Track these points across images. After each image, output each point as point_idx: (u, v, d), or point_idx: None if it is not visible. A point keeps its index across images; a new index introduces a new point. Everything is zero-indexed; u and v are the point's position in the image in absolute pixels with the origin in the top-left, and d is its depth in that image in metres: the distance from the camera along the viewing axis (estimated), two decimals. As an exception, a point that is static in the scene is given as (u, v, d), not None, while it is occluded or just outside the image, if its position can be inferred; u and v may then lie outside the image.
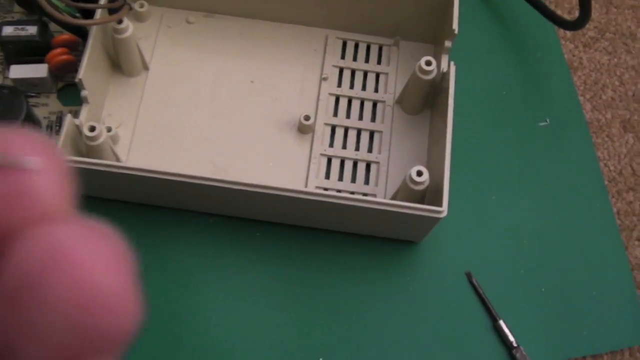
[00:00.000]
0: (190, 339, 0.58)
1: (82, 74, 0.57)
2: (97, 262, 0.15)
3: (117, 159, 0.59)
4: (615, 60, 0.72)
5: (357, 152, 0.63)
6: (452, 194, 0.55)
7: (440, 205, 0.55)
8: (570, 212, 0.65)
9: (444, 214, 0.55)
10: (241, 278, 0.60)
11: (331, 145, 0.64)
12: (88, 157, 0.56)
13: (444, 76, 0.61)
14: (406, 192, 0.57)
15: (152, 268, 0.60)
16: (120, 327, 0.15)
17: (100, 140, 0.56)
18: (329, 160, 0.63)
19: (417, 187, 0.56)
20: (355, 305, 0.60)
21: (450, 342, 0.59)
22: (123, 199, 0.61)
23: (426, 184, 0.56)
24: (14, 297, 0.14)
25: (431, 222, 0.56)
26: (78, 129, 0.57)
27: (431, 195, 0.58)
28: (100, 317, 0.15)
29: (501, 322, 0.59)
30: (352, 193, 0.58)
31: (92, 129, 0.55)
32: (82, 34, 0.65)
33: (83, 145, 0.57)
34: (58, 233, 0.15)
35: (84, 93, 0.58)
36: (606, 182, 0.66)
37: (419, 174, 0.55)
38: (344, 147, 0.64)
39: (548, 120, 0.68)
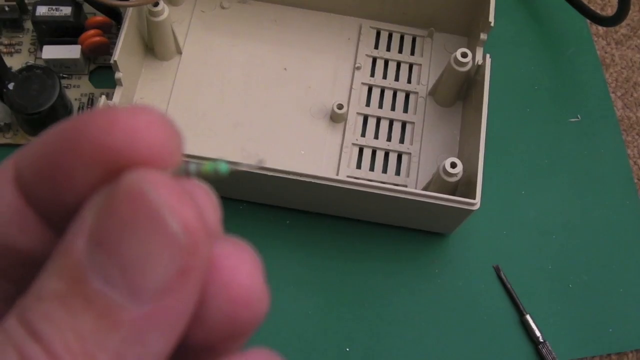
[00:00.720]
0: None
1: (117, 55, 0.57)
2: (244, 267, 0.20)
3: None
4: (648, 58, 0.72)
5: (389, 143, 0.63)
6: (483, 187, 0.55)
7: (473, 197, 0.55)
8: (599, 208, 0.65)
9: (477, 207, 0.55)
10: (270, 265, 0.59)
11: (363, 134, 0.64)
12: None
13: (479, 69, 0.61)
14: (439, 183, 0.57)
15: None
16: (257, 320, 0.20)
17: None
18: (361, 150, 0.63)
19: (450, 179, 0.55)
20: (384, 296, 0.60)
21: (477, 335, 0.59)
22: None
23: (459, 176, 0.56)
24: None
25: (463, 214, 0.56)
26: (112, 110, 0.57)
27: (463, 187, 0.58)
28: (247, 311, 0.20)
29: (528, 317, 0.59)
30: (383, 183, 0.57)
31: (127, 110, 0.55)
32: (115, 16, 0.65)
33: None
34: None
35: (118, 75, 0.58)
36: (635, 180, 0.66)
37: (453, 165, 0.55)
38: (376, 137, 0.64)
39: (579, 116, 0.68)
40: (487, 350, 0.59)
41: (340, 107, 0.62)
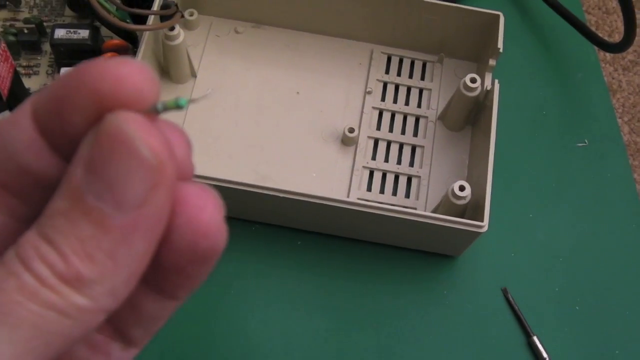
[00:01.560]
0: (228, 344, 0.58)
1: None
2: (207, 207, 0.25)
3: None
4: (655, 84, 0.73)
5: (398, 166, 0.64)
6: (491, 210, 0.56)
7: (481, 220, 0.56)
8: (606, 232, 0.66)
9: (485, 229, 0.56)
10: (281, 286, 0.61)
11: (373, 158, 0.65)
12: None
13: (488, 94, 0.62)
14: (447, 206, 0.58)
15: None
16: (215, 250, 0.25)
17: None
18: (371, 173, 0.64)
19: (458, 202, 0.56)
20: (393, 317, 0.61)
21: (484, 356, 0.60)
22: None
23: (468, 199, 0.57)
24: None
25: (471, 236, 0.57)
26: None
27: (471, 210, 0.59)
28: (205, 241, 0.24)
29: (535, 338, 0.60)
30: (393, 205, 0.58)
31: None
32: (132, 39, 0.66)
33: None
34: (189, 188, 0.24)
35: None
36: (642, 205, 0.67)
37: (462, 188, 0.56)
38: (386, 160, 0.65)
39: (587, 141, 0.69)
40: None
41: (351, 130, 0.63)
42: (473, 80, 0.61)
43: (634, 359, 0.61)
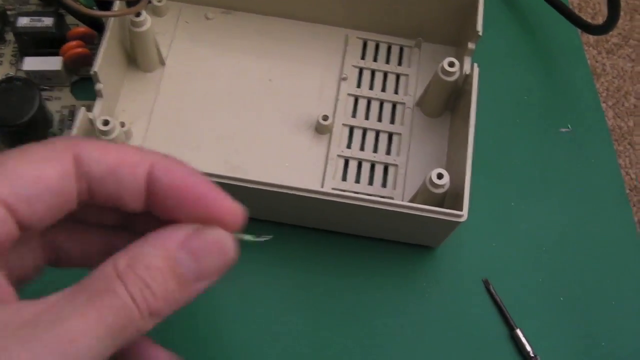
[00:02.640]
0: (202, 344, 0.56)
1: (98, 66, 0.56)
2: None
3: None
4: (639, 67, 0.71)
5: (375, 154, 0.62)
6: (471, 199, 0.54)
7: (460, 209, 0.53)
8: (591, 220, 0.64)
9: (464, 219, 0.53)
10: (255, 282, 0.59)
11: (349, 146, 0.63)
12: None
13: (467, 78, 0.60)
14: (425, 195, 0.55)
15: None
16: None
17: (114, 135, 0.55)
18: (346, 162, 0.62)
19: (436, 190, 0.54)
20: (370, 311, 0.59)
21: (466, 350, 0.58)
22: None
23: (446, 187, 0.55)
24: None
25: (450, 226, 0.55)
26: (91, 122, 0.56)
27: (450, 199, 0.56)
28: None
29: (518, 331, 0.58)
30: (369, 195, 0.56)
31: (106, 123, 0.54)
32: (98, 27, 0.64)
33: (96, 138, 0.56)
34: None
35: (98, 86, 0.57)
36: (627, 190, 0.65)
37: (440, 176, 0.54)
38: (362, 148, 0.63)
39: (570, 126, 0.67)
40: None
41: (325, 118, 0.61)
42: (451, 64, 0.59)
43: (621, 350, 0.59)
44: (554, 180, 0.65)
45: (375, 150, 0.63)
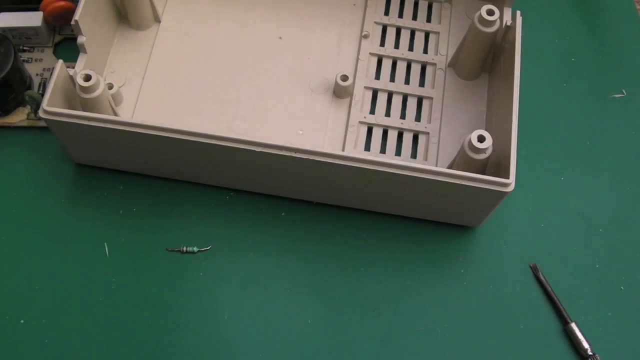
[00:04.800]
0: (196, 336, 0.49)
1: (79, 15, 0.49)
2: None
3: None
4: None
5: (402, 121, 0.55)
6: (516, 171, 0.47)
7: (506, 177, 0.46)
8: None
9: (511, 188, 0.46)
10: (260, 266, 0.52)
11: (372, 112, 0.55)
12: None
13: (508, 31, 0.53)
14: (464, 162, 0.48)
15: (154, 252, 0.52)
16: None
17: (97, 92, 0.47)
18: (369, 130, 0.54)
19: (478, 156, 0.47)
20: (398, 302, 0.51)
21: (512, 348, 0.50)
22: (125, 169, 0.53)
23: (488, 152, 0.47)
24: None
25: (495, 198, 0.47)
26: (72, 79, 0.48)
27: (492, 169, 0.49)
28: None
29: (573, 325, 0.50)
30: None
31: (87, 78, 0.47)
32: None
33: (78, 101, 0.48)
34: None
35: (80, 39, 0.50)
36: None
37: (481, 139, 0.46)
38: (387, 114, 0.55)
39: (624, 91, 0.59)
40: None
41: (344, 78, 0.54)
42: (490, 13, 0.52)
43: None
44: (608, 152, 0.57)
45: (402, 116, 0.55)
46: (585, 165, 0.57)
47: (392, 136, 0.54)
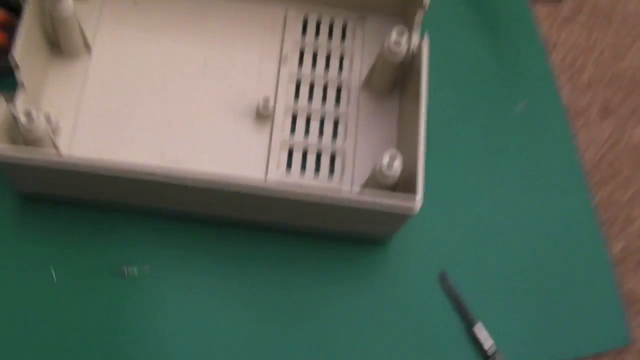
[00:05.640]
0: (137, 349, 0.53)
1: (18, 51, 0.52)
2: None
3: (57, 150, 0.53)
4: (594, 37, 0.68)
5: (320, 140, 0.59)
6: (425, 185, 0.51)
7: (413, 195, 0.50)
8: (549, 205, 0.61)
9: (419, 206, 0.50)
10: (196, 282, 0.55)
11: (293, 132, 0.59)
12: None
13: (416, 52, 0.57)
14: (377, 181, 0.52)
15: (92, 274, 0.55)
16: None
17: (38, 128, 0.50)
18: (290, 152, 0.58)
19: (389, 174, 0.51)
20: (321, 311, 0.56)
21: (423, 349, 0.55)
22: (67, 198, 0.56)
23: (398, 170, 0.51)
24: None
25: (404, 216, 0.52)
26: (14, 117, 0.51)
27: (403, 185, 0.53)
28: None
29: (478, 325, 0.55)
30: (314, 188, 0.52)
31: (29, 114, 0.50)
32: (16, 10, 0.59)
33: (20, 136, 0.51)
34: None
35: (19, 76, 0.52)
36: (588, 169, 0.62)
37: (392, 158, 0.51)
38: (307, 133, 0.59)
39: (527, 102, 0.64)
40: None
41: (266, 101, 0.57)
42: (400, 33, 0.56)
43: (585, 342, 0.57)
44: (510, 163, 0.62)
45: (320, 133, 0.59)
46: (489, 176, 0.61)
47: (312, 156, 0.58)
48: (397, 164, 0.51)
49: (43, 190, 0.55)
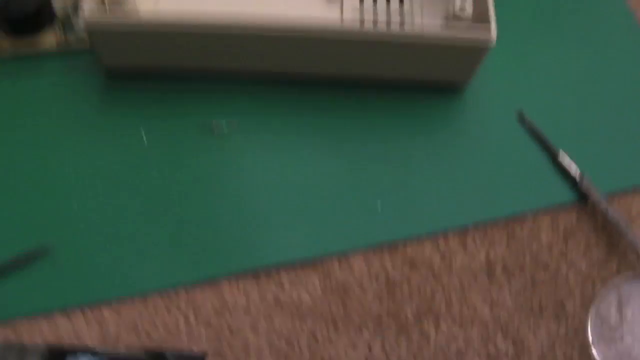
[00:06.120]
0: (234, 206, 0.55)
1: None
2: None
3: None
4: None
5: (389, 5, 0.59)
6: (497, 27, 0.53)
7: (487, 32, 0.52)
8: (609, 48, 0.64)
9: (493, 43, 0.52)
10: (282, 139, 0.58)
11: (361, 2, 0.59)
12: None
13: None
14: (450, 25, 0.54)
15: (181, 134, 0.57)
16: None
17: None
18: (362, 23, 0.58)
19: (460, 22, 0.54)
20: (403, 154, 0.57)
21: (510, 181, 0.57)
22: (153, 64, 0.58)
23: (470, 15, 0.54)
24: None
25: (482, 47, 0.54)
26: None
27: (475, 26, 0.54)
28: None
29: (561, 153, 0.57)
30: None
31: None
32: None
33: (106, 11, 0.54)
34: None
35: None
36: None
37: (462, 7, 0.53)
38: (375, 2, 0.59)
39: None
40: (523, 193, 0.57)
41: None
42: None
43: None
44: (575, 15, 0.65)
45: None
46: (556, 26, 0.64)
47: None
48: (469, 3, 0.53)
49: (131, 60, 0.57)
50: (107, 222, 0.53)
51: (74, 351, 0.47)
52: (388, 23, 0.59)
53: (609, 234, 0.55)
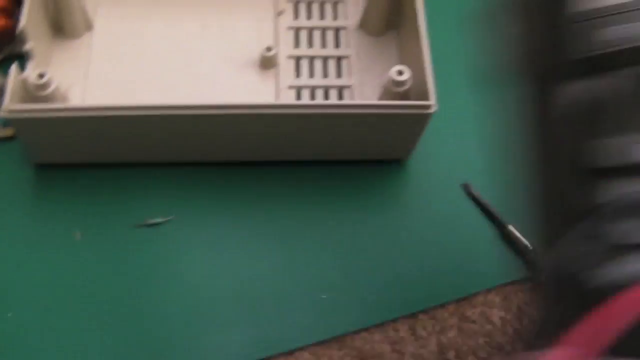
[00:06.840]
0: (176, 306, 0.53)
1: (25, 23, 0.53)
2: None
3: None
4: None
5: (326, 79, 0.60)
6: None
7: (427, 99, 0.52)
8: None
9: (434, 108, 0.51)
10: (221, 229, 0.56)
11: (298, 76, 0.60)
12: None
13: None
14: (388, 97, 0.53)
15: (122, 231, 0.55)
16: None
17: (51, 88, 0.52)
18: (299, 92, 0.59)
19: (399, 89, 0.52)
20: (346, 234, 0.56)
21: (455, 257, 0.56)
22: (84, 160, 0.57)
23: (409, 83, 0.52)
24: None
25: (421, 121, 0.53)
26: (25, 83, 0.52)
27: (415, 96, 0.54)
28: None
29: (510, 227, 0.56)
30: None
31: (41, 76, 0.51)
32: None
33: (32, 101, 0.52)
34: None
35: (29, 45, 0.54)
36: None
37: (400, 73, 0.52)
38: (312, 76, 0.60)
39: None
40: (473, 272, 0.55)
41: (269, 49, 0.58)
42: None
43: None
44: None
45: (325, 75, 0.60)
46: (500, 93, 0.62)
47: (319, 94, 0.59)
48: (406, 76, 0.53)
49: (60, 155, 0.56)
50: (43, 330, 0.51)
51: None
52: (326, 93, 0.59)
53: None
